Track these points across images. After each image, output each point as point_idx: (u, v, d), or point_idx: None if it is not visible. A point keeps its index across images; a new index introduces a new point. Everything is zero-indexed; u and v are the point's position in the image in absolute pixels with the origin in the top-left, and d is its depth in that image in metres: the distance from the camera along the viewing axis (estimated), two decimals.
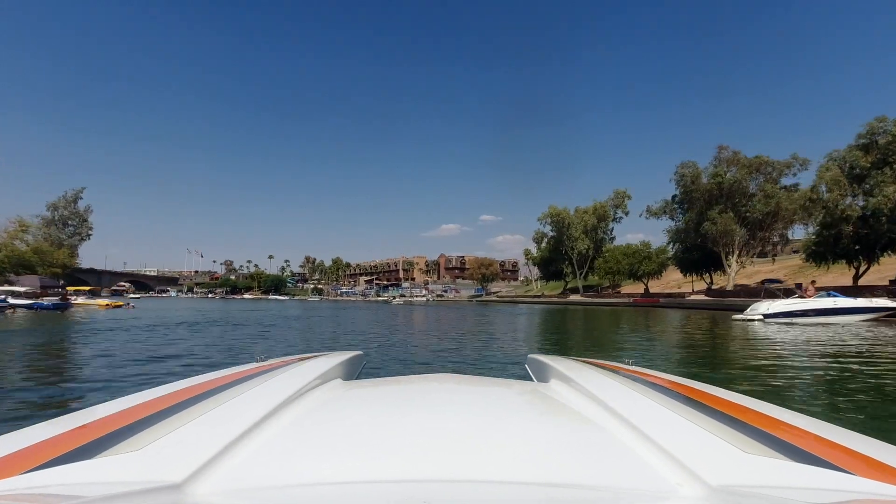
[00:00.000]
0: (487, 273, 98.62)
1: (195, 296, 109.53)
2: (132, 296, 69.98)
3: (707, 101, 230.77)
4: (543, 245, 70.51)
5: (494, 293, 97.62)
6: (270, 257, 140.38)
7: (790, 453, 0.68)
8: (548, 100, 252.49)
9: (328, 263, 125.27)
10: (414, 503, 0.52)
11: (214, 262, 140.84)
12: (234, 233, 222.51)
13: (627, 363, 1.50)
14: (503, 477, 0.61)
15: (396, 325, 17.78)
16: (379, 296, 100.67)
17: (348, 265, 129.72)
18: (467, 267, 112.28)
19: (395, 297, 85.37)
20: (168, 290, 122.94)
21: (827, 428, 0.82)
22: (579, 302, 52.72)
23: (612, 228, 64.39)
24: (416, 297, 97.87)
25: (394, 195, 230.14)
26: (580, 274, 64.08)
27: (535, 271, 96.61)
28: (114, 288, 76.58)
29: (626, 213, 62.18)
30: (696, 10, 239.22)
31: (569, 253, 63.00)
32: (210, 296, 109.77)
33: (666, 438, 0.72)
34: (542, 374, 1.49)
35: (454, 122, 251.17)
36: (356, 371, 1.62)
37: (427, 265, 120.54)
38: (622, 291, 54.47)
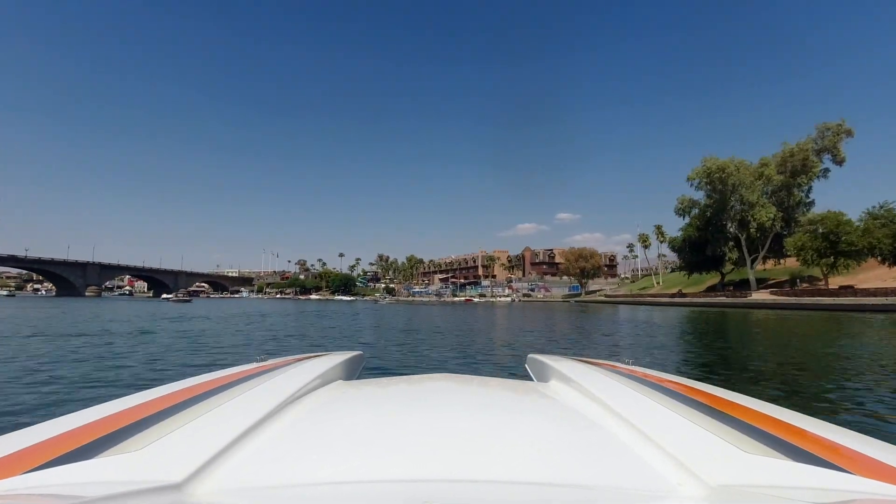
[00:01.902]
0: (587, 267, 77.97)
1: (265, 296, 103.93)
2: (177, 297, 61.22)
3: (711, 98, 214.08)
4: (689, 220, 46.41)
5: (595, 292, 77.35)
6: (341, 255, 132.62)
7: (790, 453, 0.67)
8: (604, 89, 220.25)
9: (402, 261, 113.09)
10: (415, 503, 0.51)
11: (289, 261, 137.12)
12: (313, 234, 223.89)
13: (627, 363, 1.48)
14: (503, 476, 0.60)
15: None
16: (455, 295, 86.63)
17: (421, 262, 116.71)
18: (558, 261, 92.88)
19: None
20: (241, 291, 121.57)
21: (827, 428, 0.82)
22: (775, 304, 31.73)
23: (810, 188, 40.48)
24: (499, 296, 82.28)
25: (467, 195, 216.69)
26: (752, 261, 42.17)
27: (662, 259, 74.92)
28: None
29: (842, 162, 37.94)
30: (699, 8, 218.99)
31: (733, 229, 41.20)
32: (278, 296, 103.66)
33: (666, 438, 0.72)
34: (542, 374, 1.48)
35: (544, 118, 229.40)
36: (356, 371, 1.61)
37: (510, 260, 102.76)
38: (856, 287, 32.10)
